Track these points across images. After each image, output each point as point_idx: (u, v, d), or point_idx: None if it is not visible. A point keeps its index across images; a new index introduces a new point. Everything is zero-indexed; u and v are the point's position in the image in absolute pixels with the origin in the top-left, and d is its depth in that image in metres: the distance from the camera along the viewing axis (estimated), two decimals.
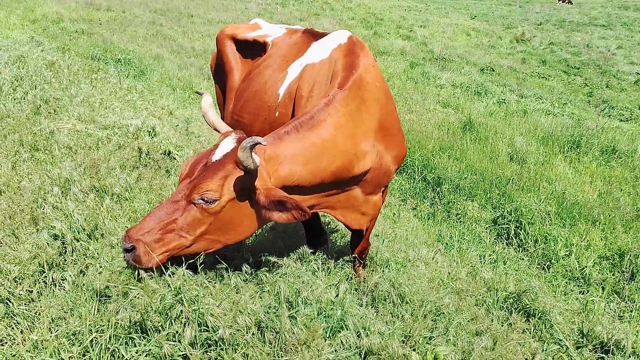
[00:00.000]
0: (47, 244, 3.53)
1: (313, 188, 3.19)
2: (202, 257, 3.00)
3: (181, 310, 2.54)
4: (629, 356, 3.65)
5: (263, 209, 2.87)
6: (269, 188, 2.86)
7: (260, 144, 2.68)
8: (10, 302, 3.15)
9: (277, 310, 2.67)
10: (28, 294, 3.24)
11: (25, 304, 3.17)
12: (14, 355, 2.68)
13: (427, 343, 2.86)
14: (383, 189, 3.84)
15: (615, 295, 5.19)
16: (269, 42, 4.42)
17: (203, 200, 2.79)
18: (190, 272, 2.92)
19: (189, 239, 2.87)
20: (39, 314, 3.10)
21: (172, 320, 2.55)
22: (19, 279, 3.31)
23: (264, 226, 4.14)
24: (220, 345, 2.45)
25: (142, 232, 2.77)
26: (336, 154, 3.18)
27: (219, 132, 3.21)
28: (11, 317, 3.09)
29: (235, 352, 2.44)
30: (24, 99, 6.63)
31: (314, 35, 4.18)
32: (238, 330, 2.47)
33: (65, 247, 3.54)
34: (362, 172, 3.39)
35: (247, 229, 3.04)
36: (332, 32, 3.94)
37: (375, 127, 3.42)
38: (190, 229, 2.85)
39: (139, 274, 3.02)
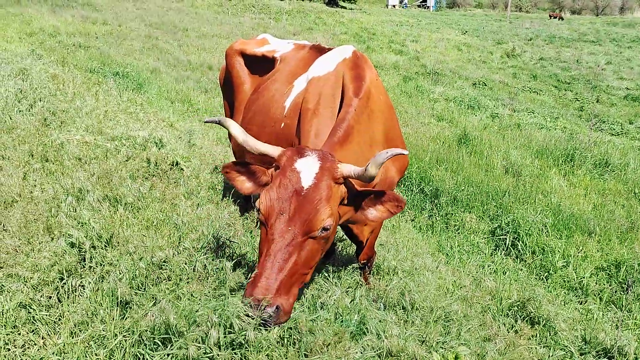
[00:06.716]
0: (65, 251, 3.59)
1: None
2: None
3: (206, 314, 2.61)
4: None
5: (359, 210, 2.88)
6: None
7: (403, 154, 2.73)
8: (31, 308, 3.21)
9: (299, 314, 2.77)
10: (47, 300, 3.31)
11: (45, 310, 3.24)
12: (41, 359, 2.75)
13: (441, 347, 2.96)
14: None
15: (613, 306, 5.31)
16: (278, 57, 4.54)
17: (325, 229, 2.71)
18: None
19: (309, 273, 2.81)
20: (61, 319, 3.16)
21: (197, 324, 2.62)
22: (39, 286, 3.37)
23: None
24: (245, 347, 2.53)
25: (273, 289, 2.54)
26: (363, 161, 3.28)
27: (266, 155, 2.95)
28: (32, 322, 3.16)
29: (260, 354, 2.52)
30: (30, 111, 6.70)
31: (320, 51, 4.29)
32: (262, 332, 2.55)
33: (82, 255, 3.60)
34: (375, 183, 3.50)
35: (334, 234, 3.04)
36: (336, 47, 4.06)
37: (382, 139, 3.54)
38: (310, 262, 2.76)
39: (158, 279, 3.10)
